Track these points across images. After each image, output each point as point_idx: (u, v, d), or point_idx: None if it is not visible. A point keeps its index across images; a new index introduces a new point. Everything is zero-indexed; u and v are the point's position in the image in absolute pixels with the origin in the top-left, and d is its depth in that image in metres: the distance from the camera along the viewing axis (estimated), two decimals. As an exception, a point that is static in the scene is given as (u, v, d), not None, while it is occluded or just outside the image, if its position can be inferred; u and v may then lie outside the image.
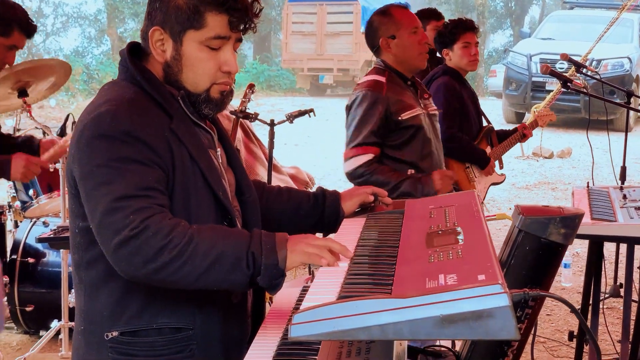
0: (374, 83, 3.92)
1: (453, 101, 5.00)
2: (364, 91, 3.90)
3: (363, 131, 3.84)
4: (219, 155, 2.28)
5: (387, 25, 3.98)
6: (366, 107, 3.85)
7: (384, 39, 3.97)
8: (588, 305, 4.07)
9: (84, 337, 2.19)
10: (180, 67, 2.15)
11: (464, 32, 5.09)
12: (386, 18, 3.99)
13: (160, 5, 2.13)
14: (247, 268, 1.93)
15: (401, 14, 4.00)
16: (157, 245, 1.90)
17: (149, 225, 1.91)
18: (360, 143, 3.84)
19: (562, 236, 2.04)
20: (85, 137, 2.02)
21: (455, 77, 5.12)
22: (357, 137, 3.85)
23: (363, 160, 3.84)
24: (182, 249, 1.91)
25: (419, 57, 3.99)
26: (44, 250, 5.09)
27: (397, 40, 3.96)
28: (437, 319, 1.57)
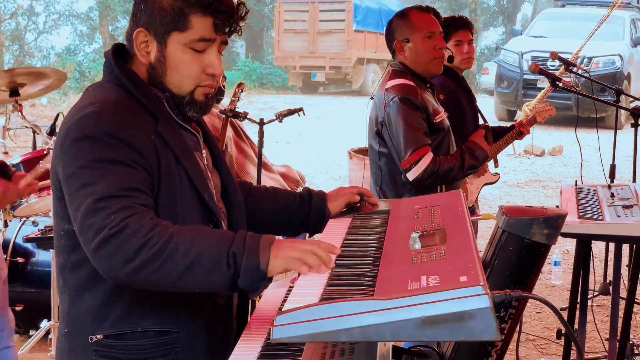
0: (407, 87, 3.86)
1: (448, 104, 4.99)
2: (399, 95, 3.83)
3: (416, 135, 3.79)
4: (205, 157, 2.27)
5: (402, 28, 3.95)
6: (409, 111, 3.80)
7: (398, 41, 3.95)
8: (576, 303, 4.08)
9: (68, 340, 2.18)
10: (164, 69, 2.14)
11: (456, 30, 5.03)
12: (402, 20, 3.97)
13: (144, 7, 2.13)
14: (227, 268, 1.90)
15: (418, 18, 3.95)
16: (136, 244, 1.88)
17: (129, 224, 1.89)
18: (418, 147, 3.79)
19: (545, 236, 2.05)
20: (69, 139, 2.01)
21: (451, 76, 5.09)
22: (413, 143, 3.79)
23: (427, 160, 3.79)
24: (161, 247, 1.88)
25: (433, 62, 3.96)
26: (34, 250, 5.08)
27: (410, 44, 3.93)
28: (418, 321, 1.58)
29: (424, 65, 3.96)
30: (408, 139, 3.78)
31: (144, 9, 2.13)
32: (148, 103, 2.12)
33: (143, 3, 2.13)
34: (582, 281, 4.09)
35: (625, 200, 3.85)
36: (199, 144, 2.28)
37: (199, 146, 2.27)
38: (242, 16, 2.18)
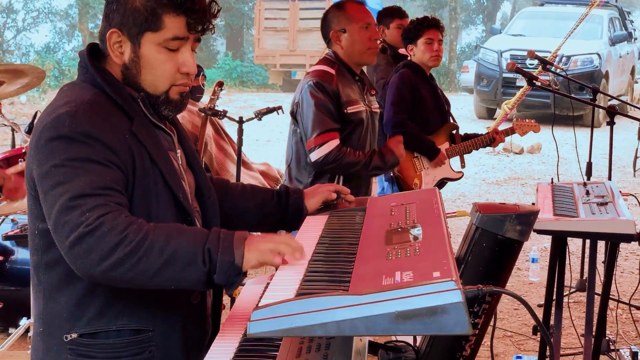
0: (324, 73, 3.98)
1: (405, 91, 5.13)
2: (314, 79, 3.95)
3: (324, 118, 3.89)
4: (179, 157, 2.29)
5: (339, 18, 4.06)
6: (319, 95, 3.90)
7: (335, 31, 4.05)
8: (551, 300, 4.13)
9: (43, 338, 2.19)
10: (138, 68, 2.15)
11: (427, 29, 5.22)
12: (339, 11, 4.07)
13: (117, 7, 2.13)
14: (203, 264, 1.93)
15: (354, 9, 4.07)
16: (112, 242, 1.89)
17: (104, 222, 1.90)
18: (325, 130, 3.89)
19: (518, 233, 2.08)
20: (44, 138, 2.02)
21: (415, 71, 5.21)
22: (320, 125, 3.89)
23: (333, 145, 3.89)
24: (137, 244, 1.90)
25: (368, 52, 4.06)
26: (13, 248, 5.07)
27: (347, 34, 4.04)
28: (392, 315, 1.61)
29: (358, 55, 4.06)
30: (316, 121, 3.90)
31: (116, 9, 2.14)
32: (123, 103, 2.13)
33: (115, 3, 2.14)
34: (557, 278, 4.14)
35: (600, 198, 3.90)
36: (174, 144, 2.29)
37: (173, 146, 2.28)
38: (215, 14, 2.20)
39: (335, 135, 3.91)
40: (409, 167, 5.18)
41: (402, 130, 5.04)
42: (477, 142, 5.48)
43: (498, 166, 12.41)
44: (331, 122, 3.90)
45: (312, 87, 3.93)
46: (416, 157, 5.21)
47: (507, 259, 2.12)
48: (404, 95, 5.13)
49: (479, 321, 2.12)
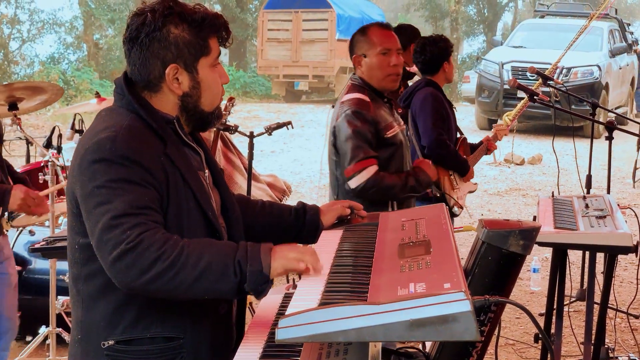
0: (360, 102, 4.01)
1: (442, 110, 5.18)
2: (352, 108, 3.98)
3: (363, 146, 3.94)
4: (207, 176, 2.46)
5: (361, 44, 4.10)
6: (357, 123, 3.95)
7: (357, 56, 4.10)
8: (552, 309, 4.28)
9: (81, 345, 2.35)
10: (199, 93, 2.36)
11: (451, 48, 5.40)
12: (362, 36, 4.11)
13: (165, 44, 2.30)
14: (235, 275, 2.11)
15: (376, 34, 4.09)
16: (151, 257, 2.06)
17: (144, 239, 2.08)
18: (363, 157, 3.94)
19: (521, 247, 2.26)
20: (86, 161, 2.20)
21: (437, 88, 5.32)
22: (358, 153, 3.93)
23: (371, 172, 3.93)
24: (174, 259, 2.07)
25: (387, 78, 4.09)
26: (30, 258, 5.23)
27: (367, 59, 4.07)
28: (407, 323, 1.77)
29: (377, 81, 4.10)
30: (354, 149, 3.94)
31: (164, 46, 2.30)
32: (157, 127, 2.31)
33: (160, 41, 2.29)
34: (558, 287, 4.30)
35: (599, 211, 4.06)
36: (202, 164, 2.47)
37: (202, 166, 2.46)
38: None
39: (373, 162, 3.95)
40: (447, 186, 5.26)
41: (445, 151, 5.15)
42: (480, 153, 5.64)
43: (499, 177, 12.55)
44: (369, 150, 3.95)
45: (350, 116, 3.97)
46: (451, 175, 5.30)
47: (511, 271, 2.30)
48: (442, 114, 5.20)
49: (484, 329, 2.30)
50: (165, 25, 2.29)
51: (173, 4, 2.32)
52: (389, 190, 3.98)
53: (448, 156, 5.19)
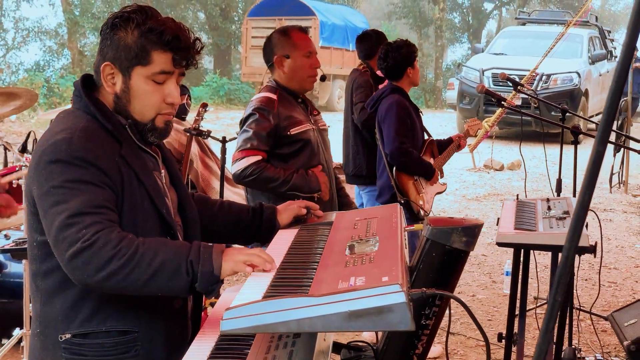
0: (266, 99, 4.19)
1: (405, 118, 5.32)
2: (256, 105, 4.17)
3: (254, 139, 4.09)
4: (163, 176, 2.54)
5: (283, 45, 4.25)
6: (258, 118, 4.11)
7: (279, 56, 4.24)
8: (514, 309, 4.37)
9: (40, 339, 2.44)
10: (128, 98, 2.41)
11: (415, 52, 5.53)
12: (284, 37, 4.27)
13: (111, 43, 2.39)
14: (187, 274, 2.19)
15: (299, 37, 4.28)
16: (107, 255, 2.14)
17: (99, 237, 2.16)
18: (249, 148, 4.09)
19: (464, 244, 2.36)
20: (43, 162, 2.27)
21: (403, 94, 5.44)
22: (246, 143, 4.10)
23: (252, 160, 4.08)
24: (129, 258, 2.15)
25: (308, 79, 4.27)
26: (6, 262, 5.29)
27: (290, 60, 4.23)
28: (345, 314, 1.86)
29: (299, 81, 4.26)
30: (244, 140, 4.12)
31: (110, 44, 2.39)
32: (113, 129, 2.38)
33: (109, 39, 2.39)
34: (521, 288, 4.39)
35: (560, 213, 4.15)
36: (158, 165, 2.55)
37: (157, 166, 2.54)
38: (198, 51, 2.45)
39: (257, 153, 4.10)
40: (412, 192, 5.40)
41: (407, 158, 5.31)
42: (450, 152, 5.74)
43: (478, 182, 12.67)
44: (259, 144, 4.10)
45: (252, 111, 4.15)
46: (416, 180, 5.43)
47: (454, 267, 2.39)
48: (405, 122, 5.33)
49: (429, 322, 2.39)
50: (118, 27, 2.37)
51: (141, 11, 2.38)
52: (268, 181, 4.09)
53: (410, 163, 5.36)
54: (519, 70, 15.35)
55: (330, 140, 4.54)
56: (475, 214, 10.30)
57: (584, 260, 7.61)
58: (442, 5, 32.81)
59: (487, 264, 8.00)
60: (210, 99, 24.73)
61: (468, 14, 39.33)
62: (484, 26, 40.63)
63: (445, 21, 34.74)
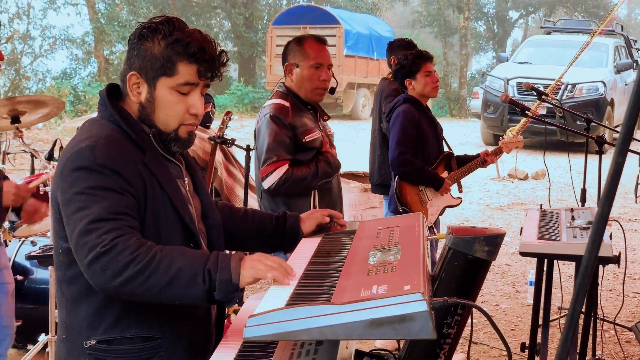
0: (280, 107, 4.22)
1: (409, 128, 5.30)
2: (270, 113, 4.20)
3: (277, 149, 4.14)
4: (186, 184, 2.57)
5: (295, 53, 4.29)
6: (275, 128, 4.15)
7: (289, 64, 4.30)
8: (538, 319, 4.36)
9: (66, 345, 2.47)
10: (153, 108, 2.44)
11: (424, 62, 5.40)
12: (297, 46, 4.30)
13: (138, 53, 2.42)
14: (203, 283, 2.19)
15: (311, 47, 4.28)
16: (125, 261, 2.16)
17: (118, 243, 2.18)
18: (276, 160, 4.14)
19: (486, 253, 2.36)
20: (67, 169, 2.31)
21: (415, 105, 5.42)
22: (272, 155, 4.14)
23: (282, 171, 4.14)
24: (146, 264, 2.17)
25: (314, 91, 4.29)
26: (32, 268, 5.35)
27: (299, 69, 4.27)
28: (367, 322, 1.87)
29: (305, 92, 4.30)
30: (268, 151, 4.16)
31: (137, 54, 2.43)
32: (137, 137, 2.42)
33: (136, 49, 2.43)
34: (544, 298, 4.38)
35: (584, 223, 4.14)
36: (182, 172, 2.58)
37: (181, 174, 2.57)
38: (224, 63, 2.48)
39: (284, 163, 4.16)
40: (415, 202, 5.38)
41: (407, 168, 5.31)
42: (472, 167, 5.69)
43: (502, 192, 12.62)
44: (283, 153, 4.15)
45: (269, 119, 4.18)
46: (421, 191, 5.41)
47: (476, 277, 2.40)
48: (409, 132, 5.32)
49: (451, 331, 2.39)
50: (146, 38, 2.40)
51: (168, 22, 2.41)
52: (302, 181, 4.18)
53: (411, 173, 5.35)
54: (544, 80, 15.32)
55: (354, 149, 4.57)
56: (498, 224, 10.27)
57: (608, 270, 7.56)
58: (467, 14, 32.75)
59: (510, 273, 7.97)
60: (235, 107, 24.83)
61: (493, 22, 39.22)
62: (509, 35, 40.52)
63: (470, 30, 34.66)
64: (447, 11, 34.86)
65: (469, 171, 5.67)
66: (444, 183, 5.44)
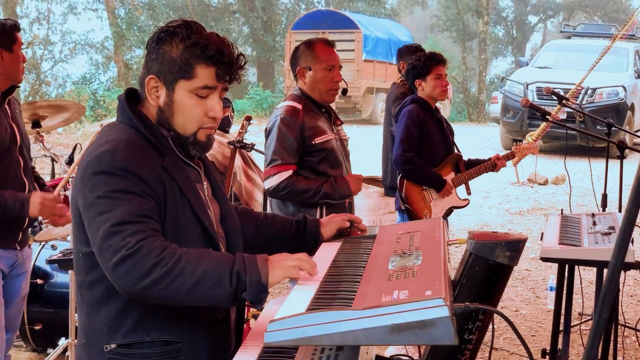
0: (291, 109, 4.29)
1: (413, 128, 5.33)
2: (282, 115, 4.27)
3: (282, 152, 4.21)
4: (205, 188, 2.57)
5: (307, 57, 4.36)
6: (284, 130, 4.22)
7: (301, 67, 4.36)
8: (558, 325, 4.33)
9: (86, 349, 2.47)
10: (171, 112, 2.44)
11: (436, 65, 5.42)
12: (308, 50, 4.37)
13: (156, 56, 2.43)
14: (230, 284, 2.20)
15: (322, 50, 4.36)
16: (150, 263, 2.17)
17: (143, 245, 2.19)
18: (281, 163, 4.21)
19: (508, 258, 2.34)
20: (88, 173, 2.31)
21: (422, 105, 5.44)
22: (277, 158, 4.21)
23: (284, 176, 4.20)
24: (172, 266, 2.18)
25: (328, 92, 4.37)
26: (52, 272, 5.37)
27: (312, 72, 4.34)
28: (388, 328, 1.87)
29: (319, 94, 4.37)
30: (274, 153, 4.24)
31: (155, 58, 2.43)
32: (155, 141, 2.42)
33: (154, 53, 2.43)
34: (565, 303, 4.35)
35: (606, 228, 4.11)
36: (200, 177, 2.58)
37: (200, 178, 2.57)
38: (242, 66, 2.48)
39: (288, 167, 4.23)
40: (419, 200, 5.43)
41: (410, 167, 5.35)
42: (481, 169, 5.68)
43: (522, 197, 12.56)
44: (288, 157, 4.22)
45: (279, 122, 4.26)
46: (425, 190, 5.45)
47: (498, 282, 2.38)
48: (413, 132, 5.36)
49: (472, 337, 2.38)
50: (164, 41, 2.41)
51: (186, 26, 2.42)
52: (301, 193, 4.24)
53: (413, 171, 5.39)
54: (563, 84, 15.24)
55: (372, 153, 4.58)
56: (518, 229, 10.22)
57: (629, 276, 7.51)
58: (486, 19, 32.70)
59: (530, 278, 7.93)
60: (253, 112, 24.88)
61: (512, 27, 39.13)
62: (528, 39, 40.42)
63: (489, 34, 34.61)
64: (466, 16, 34.80)
65: (478, 174, 5.67)
66: (446, 185, 5.45)
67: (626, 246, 1.13)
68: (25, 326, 5.29)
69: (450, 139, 5.63)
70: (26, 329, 5.31)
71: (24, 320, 5.28)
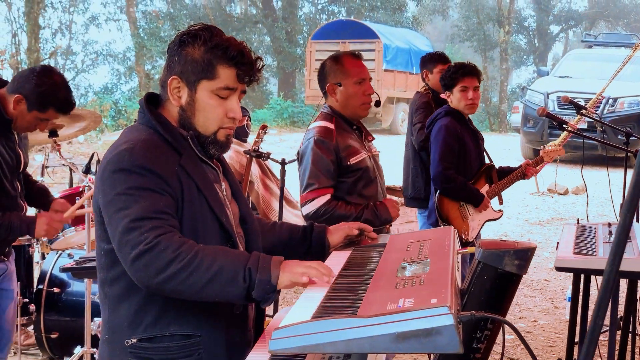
0: (324, 130, 4.13)
1: (452, 142, 5.22)
2: (315, 137, 4.11)
3: (319, 176, 4.06)
4: (224, 189, 2.62)
5: (335, 73, 4.18)
6: (319, 153, 4.06)
7: (331, 84, 4.19)
8: (574, 335, 4.30)
9: (109, 344, 2.53)
10: (193, 111, 2.51)
11: (463, 77, 5.30)
12: (336, 65, 4.20)
13: (179, 58, 2.50)
14: (244, 281, 2.25)
15: (351, 64, 4.19)
16: (168, 258, 2.23)
17: (161, 240, 2.25)
18: (318, 187, 4.06)
19: (516, 267, 2.33)
20: (107, 171, 2.38)
21: (457, 118, 5.36)
22: (314, 182, 4.06)
23: (323, 200, 4.04)
24: (188, 261, 2.23)
25: (361, 107, 4.19)
26: (69, 281, 5.39)
27: (342, 87, 4.16)
28: (393, 336, 1.86)
29: (352, 109, 4.19)
30: (310, 177, 4.08)
31: (177, 60, 2.50)
32: (173, 141, 2.48)
33: (177, 55, 2.50)
34: (581, 313, 4.32)
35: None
36: (219, 177, 2.63)
37: (218, 179, 2.62)
38: (260, 69, 2.55)
39: (326, 192, 4.06)
40: (457, 217, 5.35)
41: (451, 185, 5.25)
42: (513, 178, 5.60)
43: (542, 207, 12.51)
44: (325, 180, 4.06)
45: (313, 144, 4.09)
46: (462, 206, 5.38)
47: (506, 291, 2.36)
48: (452, 147, 5.26)
49: (481, 346, 2.36)
50: (186, 44, 2.48)
51: (207, 29, 2.51)
52: (340, 219, 3.94)
53: (454, 189, 5.29)
54: (585, 94, 15.18)
55: (393, 163, 4.51)
56: (538, 239, 10.17)
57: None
58: (508, 28, 32.63)
59: (549, 289, 7.89)
60: (274, 122, 24.94)
61: (534, 36, 39.04)
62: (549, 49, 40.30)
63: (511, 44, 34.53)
64: (486, 25, 34.76)
65: (510, 183, 5.60)
66: (484, 200, 5.39)
67: (621, 254, 1.12)
68: (42, 334, 5.32)
69: (482, 148, 5.57)
70: (42, 337, 5.33)
71: (40, 329, 5.31)
